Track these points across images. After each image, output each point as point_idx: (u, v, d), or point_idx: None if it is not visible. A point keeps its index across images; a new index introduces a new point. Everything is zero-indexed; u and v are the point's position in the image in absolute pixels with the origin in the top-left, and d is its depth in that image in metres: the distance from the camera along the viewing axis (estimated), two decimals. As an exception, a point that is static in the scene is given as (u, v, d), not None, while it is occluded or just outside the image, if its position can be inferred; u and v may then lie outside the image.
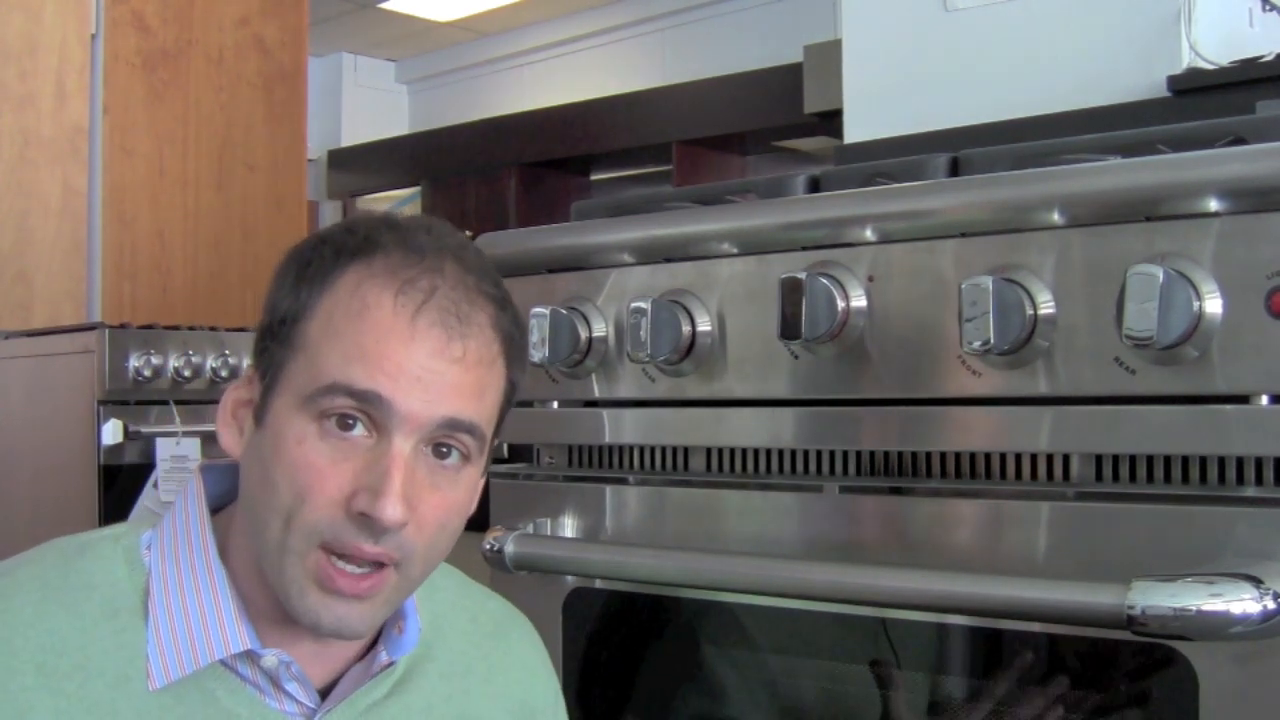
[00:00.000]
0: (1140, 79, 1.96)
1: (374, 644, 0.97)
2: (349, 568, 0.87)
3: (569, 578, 1.47)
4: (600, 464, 1.51)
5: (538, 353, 1.43)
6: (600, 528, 1.45)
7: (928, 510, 1.21)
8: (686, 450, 1.43)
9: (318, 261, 0.90)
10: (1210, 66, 1.92)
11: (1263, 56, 1.91)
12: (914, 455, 1.25)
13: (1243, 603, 0.96)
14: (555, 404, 1.51)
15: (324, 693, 0.94)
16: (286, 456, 0.86)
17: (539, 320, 1.43)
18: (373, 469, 0.86)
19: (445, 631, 1.04)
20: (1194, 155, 1.09)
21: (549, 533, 1.46)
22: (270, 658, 0.90)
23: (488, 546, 1.43)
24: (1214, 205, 1.04)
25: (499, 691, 1.06)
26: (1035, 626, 1.14)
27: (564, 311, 1.43)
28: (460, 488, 0.92)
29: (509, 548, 1.41)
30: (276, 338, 0.90)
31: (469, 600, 1.10)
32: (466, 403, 0.89)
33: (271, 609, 0.91)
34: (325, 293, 0.89)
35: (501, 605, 1.13)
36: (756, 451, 1.36)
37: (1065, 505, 1.13)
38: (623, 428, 1.45)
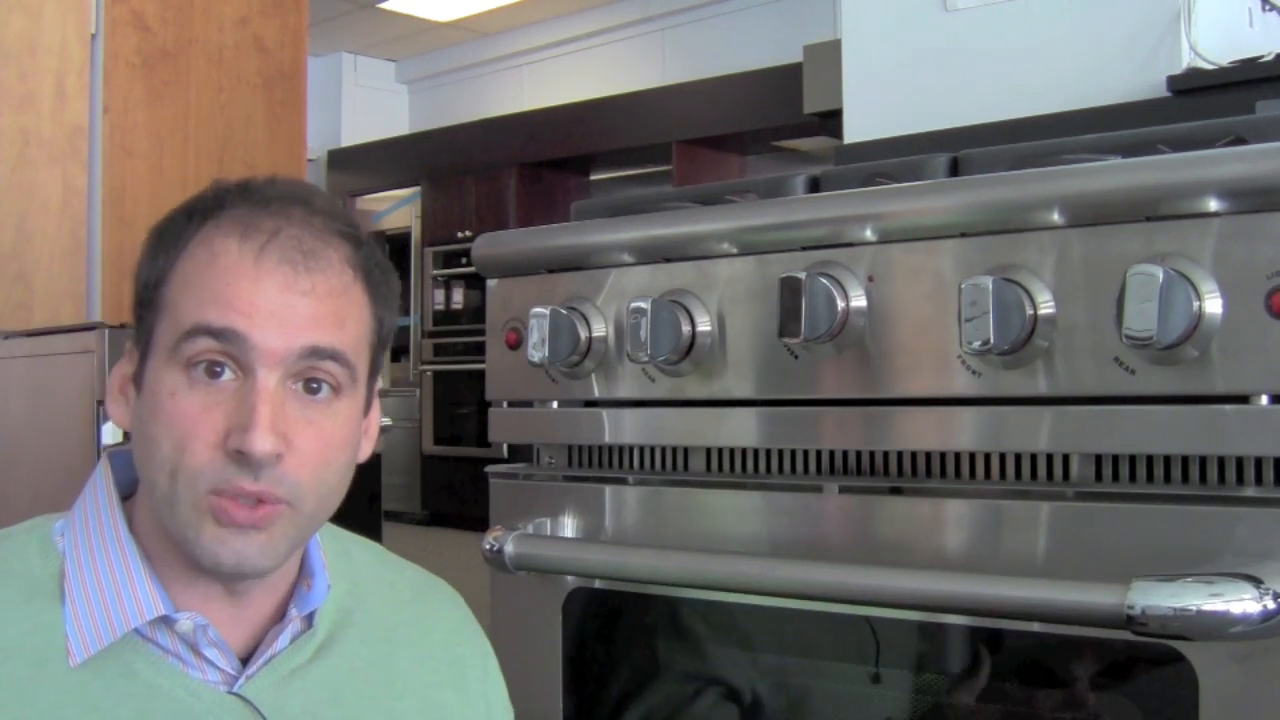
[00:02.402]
0: (1140, 79, 1.96)
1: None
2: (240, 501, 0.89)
3: (568, 578, 1.47)
4: (600, 464, 1.50)
5: (537, 353, 1.43)
6: (600, 528, 1.45)
7: (927, 510, 1.21)
8: (686, 450, 1.43)
9: (173, 228, 0.94)
10: (1210, 66, 1.92)
11: (1263, 56, 1.91)
12: (914, 455, 1.25)
13: (1243, 602, 0.96)
14: (555, 404, 1.51)
15: (246, 661, 0.95)
16: (162, 411, 0.89)
17: (539, 320, 1.43)
18: (241, 406, 0.88)
19: (366, 598, 1.06)
20: (1194, 155, 1.08)
21: (549, 533, 1.46)
22: (186, 621, 0.91)
23: (487, 546, 1.43)
24: (1214, 205, 1.04)
25: (426, 653, 1.08)
26: (1035, 626, 1.14)
27: (564, 311, 1.43)
28: (338, 422, 0.93)
29: (509, 548, 1.42)
30: (145, 306, 0.94)
31: (387, 569, 1.12)
32: (326, 331, 0.91)
33: (183, 572, 0.92)
34: (180, 253, 0.92)
35: (419, 572, 1.15)
36: (756, 451, 1.36)
37: (1065, 505, 1.13)
38: (622, 428, 1.45)
